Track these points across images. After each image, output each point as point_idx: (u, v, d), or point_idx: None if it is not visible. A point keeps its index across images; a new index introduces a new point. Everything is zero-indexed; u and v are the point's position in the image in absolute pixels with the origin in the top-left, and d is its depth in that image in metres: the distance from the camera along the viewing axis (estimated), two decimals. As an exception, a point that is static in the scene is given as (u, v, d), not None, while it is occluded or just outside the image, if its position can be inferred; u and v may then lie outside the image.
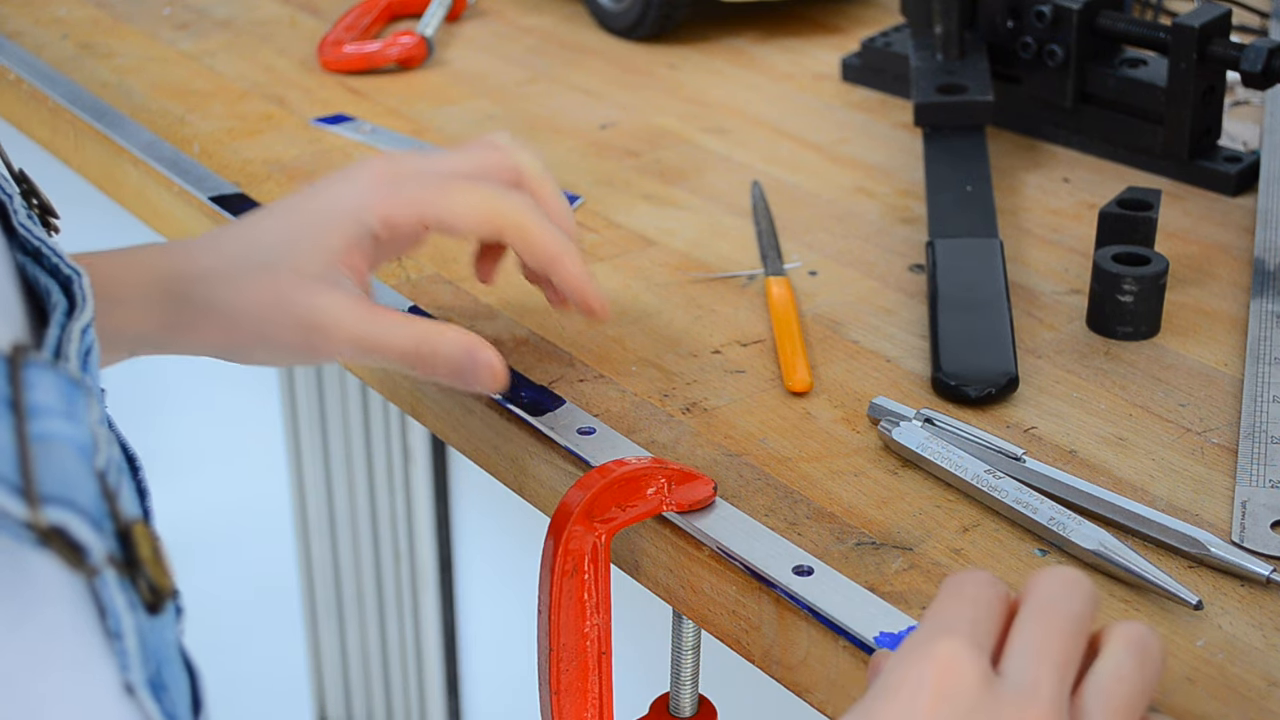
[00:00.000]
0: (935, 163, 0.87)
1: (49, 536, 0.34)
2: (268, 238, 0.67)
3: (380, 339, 0.64)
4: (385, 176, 0.66)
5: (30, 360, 0.35)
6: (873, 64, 1.05)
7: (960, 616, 0.48)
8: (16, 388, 0.34)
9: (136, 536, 0.37)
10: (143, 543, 0.38)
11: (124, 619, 0.37)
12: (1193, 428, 0.68)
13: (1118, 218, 0.79)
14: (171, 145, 0.96)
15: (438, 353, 0.63)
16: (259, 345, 0.66)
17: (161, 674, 0.40)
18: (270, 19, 1.19)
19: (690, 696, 0.68)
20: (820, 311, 0.78)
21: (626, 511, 0.61)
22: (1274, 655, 0.55)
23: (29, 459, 0.34)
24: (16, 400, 0.34)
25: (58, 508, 0.34)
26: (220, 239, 0.69)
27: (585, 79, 1.08)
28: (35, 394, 0.35)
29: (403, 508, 1.34)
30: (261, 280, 0.65)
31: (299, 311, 0.64)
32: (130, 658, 0.38)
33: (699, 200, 0.90)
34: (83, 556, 0.35)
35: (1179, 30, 0.88)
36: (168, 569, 0.39)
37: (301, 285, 0.65)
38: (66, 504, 0.34)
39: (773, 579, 0.59)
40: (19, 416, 0.34)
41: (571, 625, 0.60)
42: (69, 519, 0.34)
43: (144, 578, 0.38)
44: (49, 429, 0.35)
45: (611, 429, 0.68)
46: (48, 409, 0.35)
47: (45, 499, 0.34)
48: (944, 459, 0.64)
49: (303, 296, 0.64)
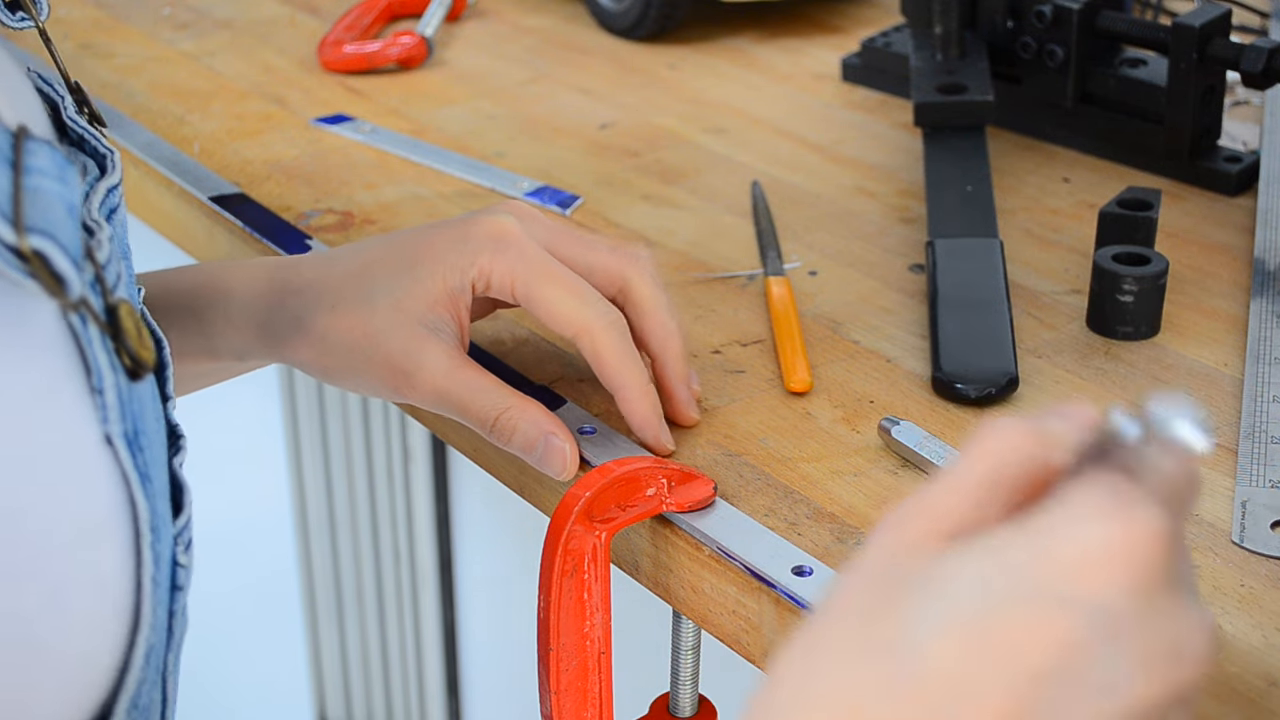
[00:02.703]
0: (935, 163, 0.87)
1: (32, 260, 0.40)
2: (376, 269, 0.67)
3: (463, 399, 0.64)
4: (500, 235, 0.66)
5: (31, 136, 0.42)
6: (873, 64, 1.05)
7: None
8: (18, 152, 0.41)
9: (122, 312, 0.45)
10: (127, 318, 0.45)
11: (106, 376, 0.44)
12: (1193, 428, 0.68)
13: (1118, 218, 0.79)
14: (171, 145, 0.96)
15: (516, 429, 0.64)
16: (348, 374, 0.67)
17: (139, 438, 0.46)
18: (270, 19, 1.19)
19: (690, 696, 0.68)
20: (820, 311, 0.78)
21: (626, 511, 0.61)
22: (1274, 655, 0.55)
23: (20, 200, 0.40)
24: (17, 161, 0.41)
25: (41, 237, 0.41)
26: (331, 260, 0.69)
27: (585, 79, 1.08)
28: (33, 159, 0.42)
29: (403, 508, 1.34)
30: (360, 312, 0.66)
31: (390, 352, 0.65)
32: (110, 411, 0.44)
33: (699, 200, 0.90)
34: (63, 287, 0.41)
35: (1179, 30, 0.88)
36: (149, 344, 0.46)
37: (398, 326, 0.65)
38: (49, 237, 0.41)
39: (772, 579, 0.59)
40: (17, 171, 0.41)
41: (571, 625, 0.60)
42: (50, 249, 0.41)
43: (126, 348, 0.45)
44: (41, 184, 0.41)
45: (611, 429, 0.68)
46: (42, 170, 0.42)
47: (30, 229, 0.40)
48: (941, 459, 0.64)
49: (397, 338, 0.65)
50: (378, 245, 0.68)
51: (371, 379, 0.66)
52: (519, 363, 0.73)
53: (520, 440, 0.64)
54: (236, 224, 0.86)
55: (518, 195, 0.90)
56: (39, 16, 0.60)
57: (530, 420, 0.64)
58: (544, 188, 0.91)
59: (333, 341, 0.66)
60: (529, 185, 0.91)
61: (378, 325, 0.65)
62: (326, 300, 0.67)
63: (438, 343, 0.65)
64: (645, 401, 0.66)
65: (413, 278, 0.65)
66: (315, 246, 0.83)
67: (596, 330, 0.65)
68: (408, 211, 0.88)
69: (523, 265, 0.65)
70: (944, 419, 0.69)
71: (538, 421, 0.64)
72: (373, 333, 0.65)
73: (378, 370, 0.65)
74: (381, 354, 0.65)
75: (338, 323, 0.66)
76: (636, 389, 0.65)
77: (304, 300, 0.67)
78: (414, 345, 0.65)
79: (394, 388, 0.65)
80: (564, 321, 0.65)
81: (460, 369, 0.65)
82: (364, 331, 0.65)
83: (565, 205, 0.89)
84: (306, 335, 0.67)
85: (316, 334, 0.67)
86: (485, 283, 0.65)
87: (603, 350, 0.65)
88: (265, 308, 0.68)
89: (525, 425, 0.64)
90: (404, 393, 0.65)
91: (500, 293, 0.66)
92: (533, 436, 0.64)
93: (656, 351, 0.67)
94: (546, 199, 0.89)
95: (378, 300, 0.66)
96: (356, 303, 0.66)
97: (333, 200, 0.89)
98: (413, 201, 0.90)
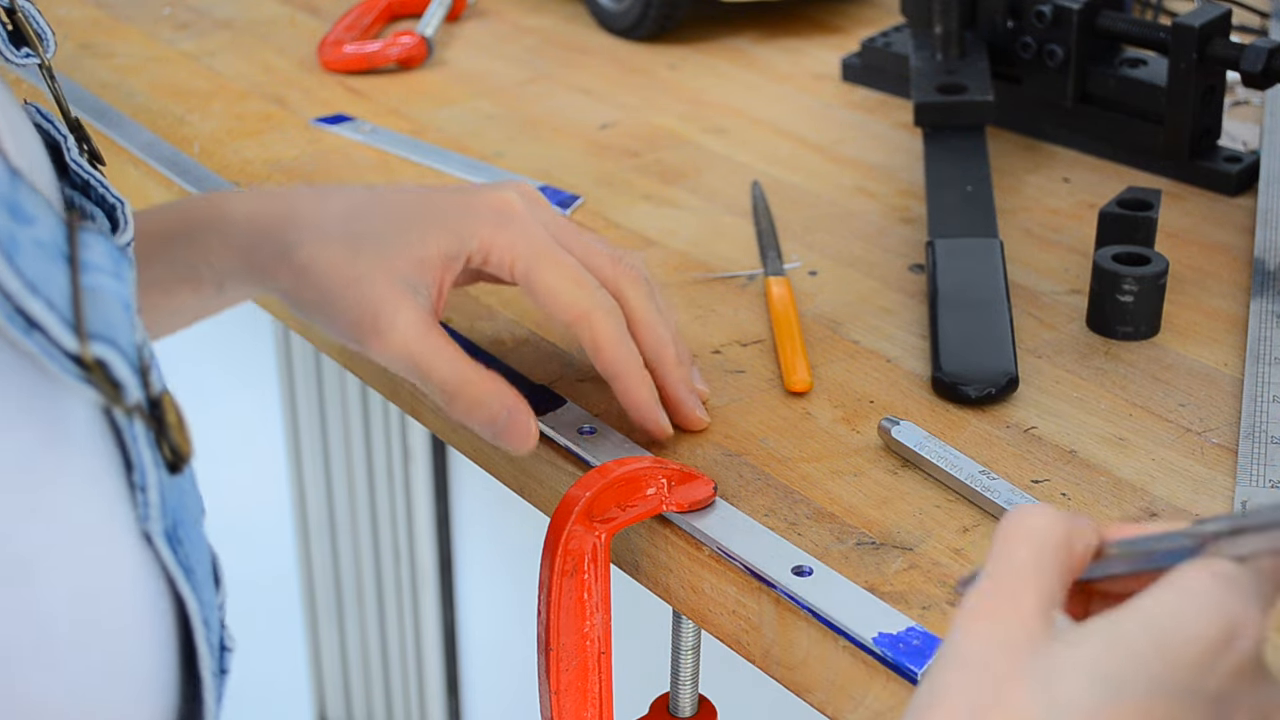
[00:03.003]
0: (935, 163, 0.87)
1: (93, 369, 0.38)
2: (373, 217, 0.66)
3: (428, 362, 0.63)
4: (505, 210, 0.65)
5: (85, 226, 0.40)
6: (873, 64, 1.05)
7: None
8: (73, 245, 0.39)
9: (165, 404, 0.43)
10: (169, 410, 0.43)
11: (149, 472, 0.42)
12: (1193, 428, 0.68)
13: (1118, 218, 0.79)
14: (171, 145, 0.96)
15: (477, 399, 0.63)
16: (319, 311, 0.66)
17: (178, 531, 0.44)
18: (270, 19, 1.19)
19: (690, 696, 0.68)
20: (820, 311, 0.78)
21: (626, 511, 0.61)
22: (1274, 655, 0.55)
23: (80, 302, 0.38)
24: (73, 255, 0.39)
25: (102, 344, 0.39)
26: (331, 195, 0.68)
27: (585, 79, 1.08)
28: (89, 253, 0.39)
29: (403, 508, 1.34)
30: (345, 253, 0.65)
31: (365, 301, 0.64)
32: (152, 509, 0.42)
33: (699, 200, 0.90)
34: (120, 393, 0.40)
35: (1179, 30, 0.88)
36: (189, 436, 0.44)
37: (379, 277, 0.64)
38: (110, 343, 0.39)
39: (772, 579, 0.59)
40: (74, 268, 0.39)
41: (571, 625, 0.60)
42: (111, 356, 0.39)
43: (168, 439, 0.43)
44: (99, 282, 0.39)
45: (611, 429, 0.68)
46: (99, 266, 0.39)
47: (92, 336, 0.38)
48: (941, 459, 0.64)
49: (375, 289, 0.64)
50: (379, 193, 0.68)
51: (341, 323, 0.65)
52: (519, 363, 0.73)
53: (482, 413, 0.63)
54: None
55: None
56: (45, 53, 0.59)
57: (493, 392, 0.63)
58: (544, 188, 0.91)
59: (313, 276, 0.65)
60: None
61: (359, 271, 0.64)
62: (313, 233, 0.66)
63: (414, 303, 0.64)
64: (643, 387, 0.65)
65: (406, 233, 0.65)
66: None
67: (595, 317, 0.64)
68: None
69: (525, 244, 0.65)
70: (944, 419, 0.69)
71: (500, 394, 0.63)
72: (353, 277, 0.64)
73: (349, 314, 0.64)
74: (354, 299, 0.64)
75: (321, 257, 0.65)
76: (634, 375, 0.65)
77: (294, 229, 0.66)
78: (390, 300, 0.64)
79: (359, 338, 0.64)
80: (563, 306, 0.64)
81: (430, 333, 0.64)
82: (343, 274, 0.64)
83: (565, 205, 0.89)
84: (289, 263, 0.66)
85: (298, 264, 0.65)
86: (484, 256, 0.65)
87: (600, 336, 0.65)
88: (257, 230, 0.67)
89: (487, 398, 0.63)
90: (370, 344, 0.64)
91: (498, 268, 0.65)
92: (495, 410, 0.63)
93: (651, 361, 0.67)
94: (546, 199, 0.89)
95: (364, 245, 0.64)
96: (343, 242, 0.65)
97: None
98: (413, 201, 0.90)
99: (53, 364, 0.38)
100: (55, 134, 0.55)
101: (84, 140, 0.57)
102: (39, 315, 0.37)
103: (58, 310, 0.37)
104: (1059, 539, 0.44)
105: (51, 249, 0.38)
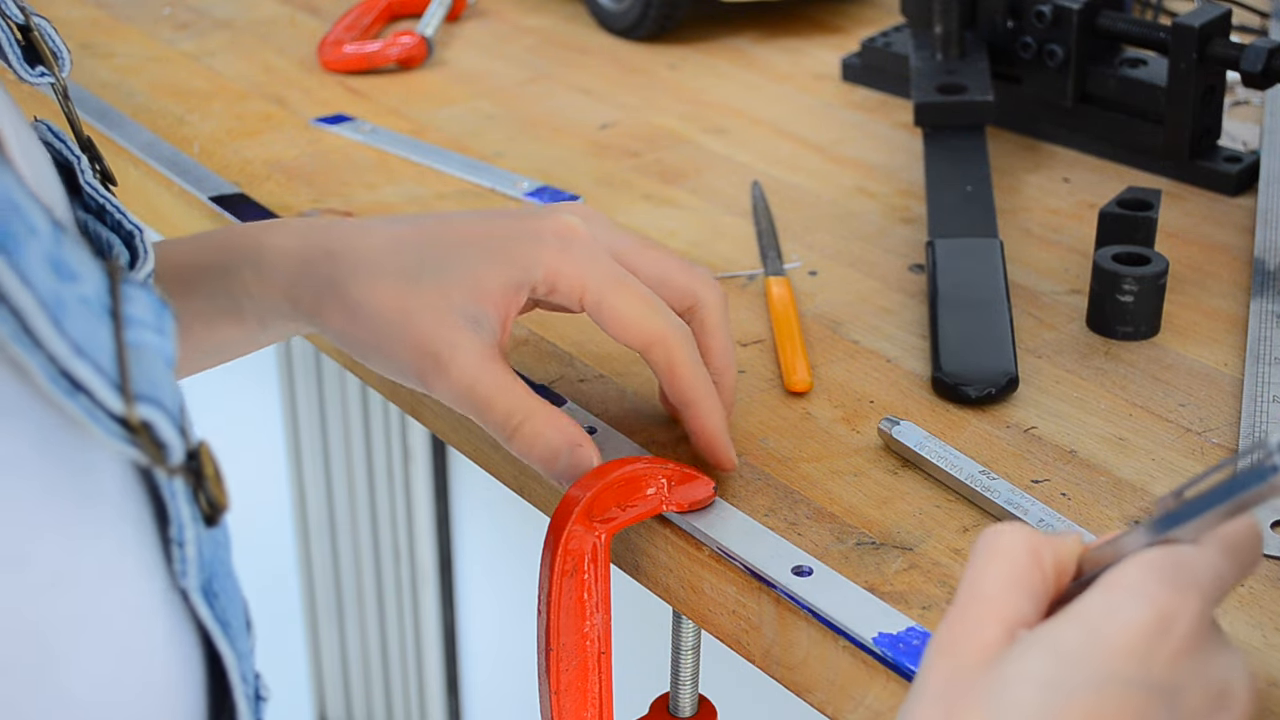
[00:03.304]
0: (935, 163, 0.87)
1: (138, 431, 0.37)
2: (427, 249, 0.63)
3: (489, 398, 0.60)
4: (569, 236, 0.62)
5: (127, 278, 0.38)
6: (873, 64, 1.05)
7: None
8: (116, 299, 0.37)
9: (202, 455, 0.41)
10: (207, 462, 0.41)
11: (187, 528, 0.41)
12: (1193, 428, 0.68)
13: (1118, 218, 0.79)
14: (171, 145, 0.96)
15: (540, 435, 0.60)
16: (374, 351, 0.63)
17: (213, 584, 0.43)
18: (270, 19, 1.19)
19: (690, 696, 0.68)
20: (820, 311, 0.78)
21: (626, 511, 0.61)
22: (1274, 655, 0.55)
23: (125, 361, 0.37)
24: (116, 310, 0.37)
25: (148, 405, 0.37)
26: (376, 229, 0.64)
27: (585, 79, 1.08)
28: (131, 307, 0.37)
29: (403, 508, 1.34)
30: (400, 288, 0.61)
31: (424, 336, 0.61)
32: (189, 564, 0.41)
33: (699, 200, 0.90)
34: (164, 454, 0.38)
35: (1179, 30, 0.88)
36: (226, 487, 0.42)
37: (438, 309, 0.61)
38: (155, 403, 0.37)
39: (772, 579, 0.59)
40: (118, 323, 0.37)
41: (571, 625, 0.60)
42: (157, 417, 0.37)
43: (205, 492, 0.41)
44: (142, 339, 0.38)
45: (612, 429, 0.68)
46: (143, 321, 0.38)
47: (138, 397, 0.37)
48: (940, 458, 0.64)
49: (433, 323, 0.61)
50: (426, 223, 0.64)
51: (399, 361, 0.62)
52: (519, 363, 0.73)
53: (543, 448, 0.61)
54: (237, 224, 0.86)
55: (518, 195, 0.90)
56: (60, 72, 0.57)
57: (557, 429, 0.61)
58: (544, 188, 0.91)
59: (366, 312, 0.62)
60: (529, 185, 0.91)
61: (417, 303, 0.61)
62: (365, 268, 0.62)
63: (475, 336, 0.61)
64: (716, 415, 0.63)
65: (464, 264, 0.62)
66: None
67: (671, 342, 0.62)
68: (408, 211, 0.88)
69: (594, 271, 0.61)
70: (944, 419, 0.69)
71: (563, 431, 0.61)
72: (410, 310, 0.61)
73: (407, 351, 0.61)
74: (414, 335, 0.61)
75: (375, 293, 0.62)
76: (709, 403, 0.63)
77: (341, 264, 0.63)
78: (450, 334, 0.60)
79: (419, 374, 0.61)
80: (636, 331, 0.61)
81: (493, 368, 0.61)
82: (401, 307, 0.61)
83: (565, 205, 0.89)
84: (340, 301, 0.62)
85: (351, 301, 0.62)
86: (550, 285, 0.62)
87: (677, 363, 0.62)
88: (298, 265, 0.64)
89: (551, 433, 0.60)
90: (429, 381, 0.61)
91: (566, 297, 0.62)
92: (557, 445, 0.61)
93: (716, 375, 0.65)
94: (546, 199, 0.89)
95: (423, 278, 0.61)
96: (399, 276, 0.62)
97: (333, 200, 0.89)
98: (413, 201, 0.90)
99: (96, 426, 0.36)
100: (67, 154, 0.53)
101: (96, 160, 0.56)
102: (85, 378, 0.36)
103: (104, 372, 0.36)
104: (1028, 561, 0.45)
105: (95, 305, 0.36)
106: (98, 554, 0.38)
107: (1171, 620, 0.42)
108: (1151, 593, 0.42)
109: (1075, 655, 0.42)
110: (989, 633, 0.44)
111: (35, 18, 0.57)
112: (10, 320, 0.34)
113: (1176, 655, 0.42)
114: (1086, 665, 0.42)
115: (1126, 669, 0.42)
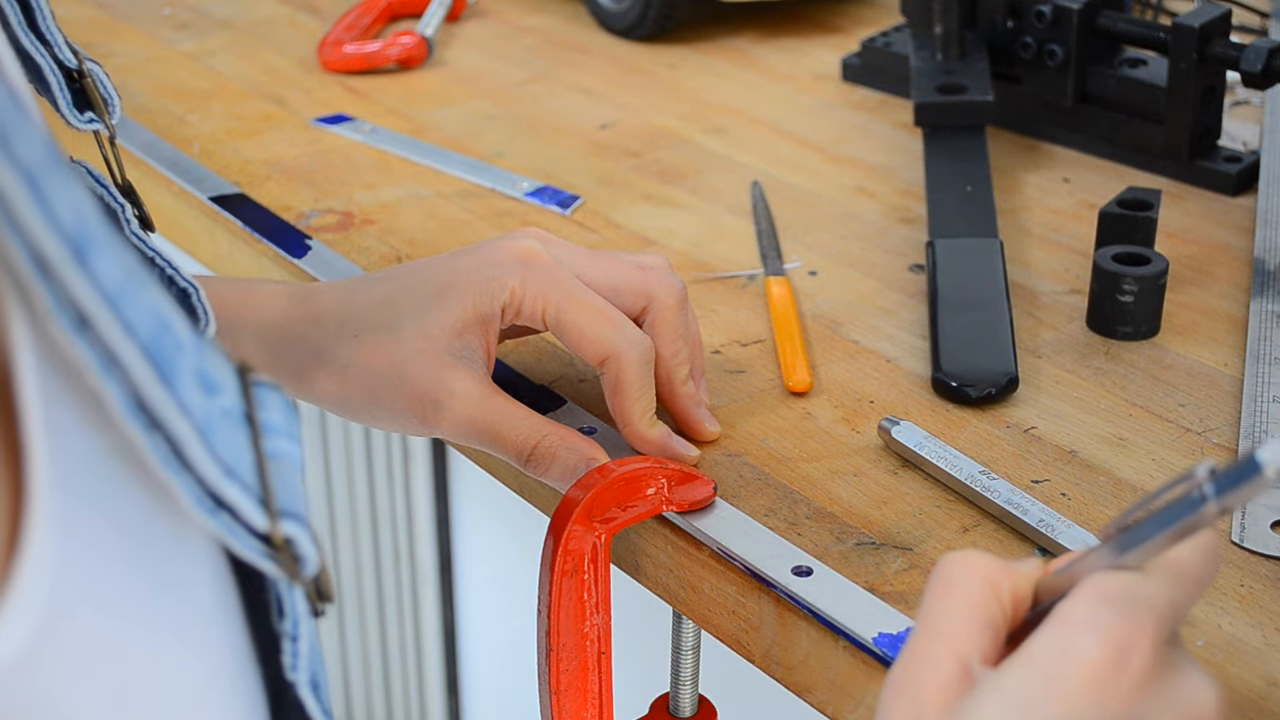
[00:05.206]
0: (935, 163, 0.87)
1: (281, 549, 0.36)
2: (399, 299, 0.64)
3: (496, 428, 0.62)
4: (528, 259, 0.64)
5: (258, 379, 0.36)
6: (873, 64, 1.05)
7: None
8: (250, 404, 0.35)
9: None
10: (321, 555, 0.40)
11: (302, 622, 0.39)
12: (1193, 428, 0.68)
13: (1118, 218, 0.79)
14: (171, 145, 0.96)
15: (555, 457, 0.62)
16: (371, 406, 0.64)
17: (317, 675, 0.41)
18: (270, 19, 1.19)
19: (690, 696, 0.68)
20: (820, 311, 0.78)
21: (626, 511, 0.61)
22: (1274, 655, 0.55)
23: (266, 474, 0.35)
24: (252, 415, 0.35)
25: (292, 522, 0.36)
26: (350, 288, 0.66)
27: (585, 79, 1.08)
28: (266, 413, 0.36)
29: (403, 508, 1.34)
30: (385, 340, 0.63)
31: (417, 381, 0.63)
32: (300, 659, 0.39)
33: (699, 200, 0.90)
34: (300, 568, 0.36)
35: (1179, 30, 0.88)
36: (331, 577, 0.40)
37: (426, 354, 0.63)
38: (297, 519, 0.36)
39: (772, 579, 0.59)
40: (255, 432, 0.35)
41: (571, 625, 0.60)
42: (299, 533, 0.36)
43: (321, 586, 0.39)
44: (279, 448, 0.36)
45: (612, 429, 0.68)
46: (277, 428, 0.36)
47: (282, 513, 0.35)
48: (940, 459, 0.64)
49: (425, 366, 0.63)
50: (400, 274, 0.66)
51: (397, 411, 0.64)
52: (519, 363, 0.73)
53: (559, 468, 0.62)
54: (236, 224, 0.86)
55: (518, 195, 0.90)
56: (110, 118, 0.56)
57: (570, 447, 0.62)
58: (544, 188, 0.91)
59: (356, 372, 0.64)
60: (529, 185, 0.91)
61: (404, 353, 0.63)
62: (349, 329, 0.64)
63: (467, 371, 0.63)
64: (652, 430, 0.65)
65: (440, 305, 0.63)
66: (315, 247, 0.83)
67: (624, 361, 0.63)
68: (408, 211, 0.88)
69: (553, 289, 0.63)
70: (944, 419, 0.69)
71: (577, 448, 0.62)
72: (399, 361, 0.63)
73: (404, 401, 0.63)
74: (409, 383, 0.63)
75: (362, 352, 0.64)
76: (640, 426, 0.64)
77: (324, 329, 0.65)
78: (443, 374, 0.63)
79: (421, 418, 0.63)
80: (591, 348, 0.63)
81: (491, 397, 0.63)
82: (389, 360, 0.63)
83: (565, 205, 0.89)
84: (327, 366, 0.64)
85: (339, 364, 0.64)
86: (516, 308, 0.64)
87: (623, 382, 0.64)
88: (281, 337, 0.66)
89: (564, 452, 0.62)
90: (432, 423, 0.63)
91: (530, 318, 0.64)
92: (572, 463, 0.62)
93: (663, 375, 0.66)
94: (546, 199, 0.89)
95: (404, 328, 0.63)
96: (381, 331, 0.64)
97: (333, 200, 0.89)
98: (413, 201, 0.90)
99: (237, 543, 0.35)
100: (110, 201, 0.52)
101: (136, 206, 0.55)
102: (233, 499, 0.34)
103: (250, 489, 0.34)
104: (985, 594, 0.44)
105: (235, 415, 0.35)
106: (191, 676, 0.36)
107: (1127, 652, 0.41)
108: (1104, 625, 0.41)
109: (1034, 700, 0.41)
110: (945, 671, 0.42)
111: (89, 63, 0.56)
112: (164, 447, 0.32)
113: (1136, 686, 0.41)
114: (1047, 708, 0.40)
115: (1090, 707, 0.40)
